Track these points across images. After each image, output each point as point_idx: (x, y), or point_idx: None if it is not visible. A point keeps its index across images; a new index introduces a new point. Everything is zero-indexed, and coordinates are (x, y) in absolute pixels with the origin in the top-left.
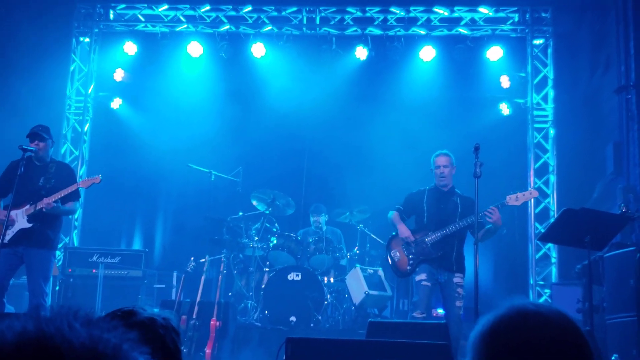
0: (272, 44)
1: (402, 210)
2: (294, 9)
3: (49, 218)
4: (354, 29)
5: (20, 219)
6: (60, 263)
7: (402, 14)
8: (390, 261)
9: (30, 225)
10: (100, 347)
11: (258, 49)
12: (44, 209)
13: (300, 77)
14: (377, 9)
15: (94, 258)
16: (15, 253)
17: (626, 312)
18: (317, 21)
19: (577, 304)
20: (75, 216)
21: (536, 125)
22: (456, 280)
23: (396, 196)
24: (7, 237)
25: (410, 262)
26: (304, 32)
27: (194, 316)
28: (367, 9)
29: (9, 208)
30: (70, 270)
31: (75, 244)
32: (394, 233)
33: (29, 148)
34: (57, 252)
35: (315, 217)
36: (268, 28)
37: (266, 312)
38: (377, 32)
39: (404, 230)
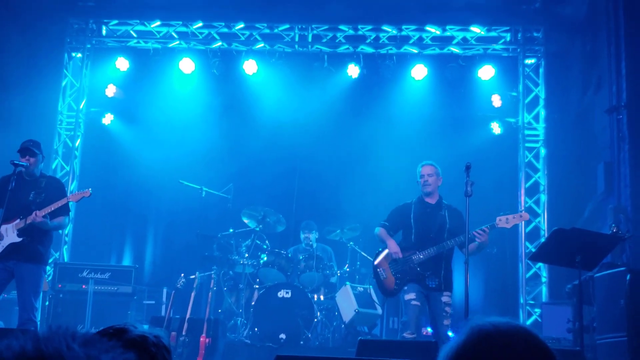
0: (264, 61)
1: (387, 226)
2: (286, 26)
3: (39, 232)
4: (346, 46)
5: (11, 234)
6: (50, 278)
7: (394, 32)
8: (376, 279)
9: (20, 239)
10: None
11: (250, 66)
12: (33, 223)
13: (292, 94)
14: (369, 27)
15: (84, 274)
16: (6, 268)
17: (616, 332)
18: (310, 39)
19: (568, 323)
20: (66, 231)
21: (527, 145)
22: (444, 299)
23: (387, 214)
24: None
25: (397, 281)
26: (296, 50)
27: (184, 332)
28: (359, 27)
29: None
30: (60, 285)
31: (66, 260)
32: (380, 249)
33: (20, 163)
34: (47, 267)
35: (305, 234)
36: (260, 45)
37: (256, 329)
38: (369, 50)
39: (392, 246)
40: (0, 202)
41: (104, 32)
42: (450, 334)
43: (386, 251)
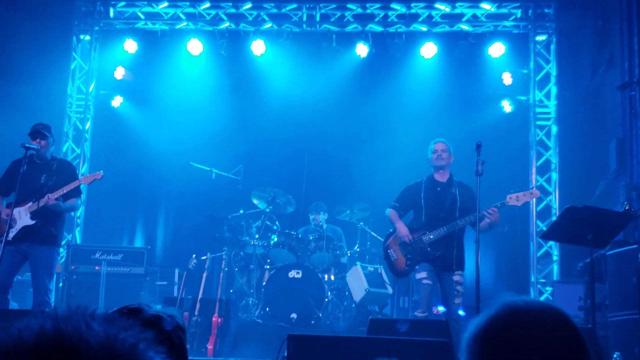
0: (272, 41)
1: (398, 207)
2: (294, 5)
3: (52, 215)
4: (355, 25)
5: (24, 217)
6: (63, 260)
7: (403, 10)
8: (387, 260)
9: (33, 222)
10: (117, 347)
11: (258, 47)
12: (46, 206)
13: (301, 74)
14: (378, 5)
15: (97, 255)
16: (19, 250)
17: (628, 310)
18: (317, 18)
19: (579, 301)
20: (78, 214)
21: (538, 123)
22: (456, 278)
23: (398, 194)
24: (11, 235)
25: (408, 262)
26: (304, 29)
27: (196, 313)
28: (368, 5)
29: (12, 206)
30: (73, 267)
31: (78, 242)
32: (391, 230)
33: (31, 146)
34: (60, 249)
35: (314, 215)
36: (268, 25)
37: (267, 309)
38: (377, 28)
39: (401, 229)
40: (12, 185)
41: (111, 14)
42: (461, 312)
43: (396, 234)
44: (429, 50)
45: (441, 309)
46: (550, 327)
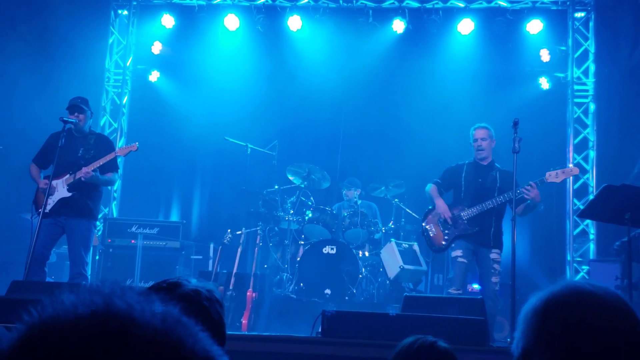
0: (308, 17)
1: (440, 183)
2: None
3: (89, 188)
4: (391, 1)
5: (61, 189)
6: (100, 233)
7: None
8: (425, 235)
9: (70, 194)
10: (164, 323)
11: (294, 22)
12: (82, 178)
13: (337, 50)
14: None
15: (133, 229)
16: (57, 223)
17: None
18: None
19: (616, 280)
20: (115, 187)
21: (576, 100)
22: (493, 256)
23: (432, 171)
24: (48, 207)
25: (446, 237)
26: (340, 5)
27: (231, 287)
28: None
29: (50, 178)
30: (109, 240)
31: (115, 215)
32: (430, 207)
33: (69, 120)
34: (97, 222)
35: (346, 191)
36: (304, 1)
37: (301, 284)
38: (414, 4)
39: (441, 205)
40: (50, 158)
41: None
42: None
43: (435, 210)
44: (466, 26)
45: (476, 286)
46: (613, 313)
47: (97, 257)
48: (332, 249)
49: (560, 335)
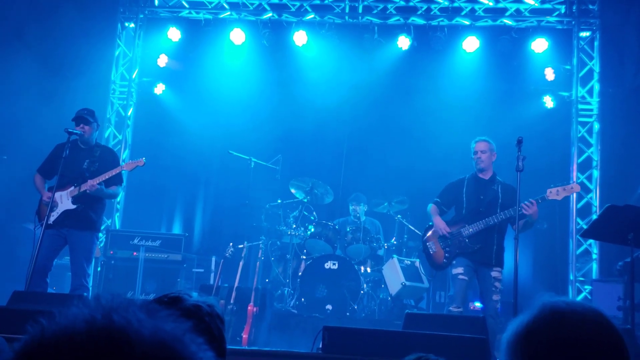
0: (314, 32)
1: (439, 202)
2: None
3: (93, 200)
4: (397, 18)
5: (65, 201)
6: (102, 245)
7: (446, 3)
8: (425, 253)
9: (74, 206)
10: (166, 338)
11: (300, 37)
12: (87, 191)
13: (342, 65)
14: None
15: (135, 241)
16: (60, 234)
17: None
18: (360, 10)
19: (618, 301)
20: (118, 199)
21: (580, 119)
22: (494, 274)
23: (436, 188)
24: (52, 218)
25: (446, 255)
26: (346, 21)
27: (232, 301)
28: None
29: (54, 190)
30: (111, 252)
31: (117, 227)
32: (430, 223)
33: (74, 131)
34: (100, 234)
35: (354, 206)
36: (310, 16)
37: (302, 299)
38: (420, 21)
39: (438, 223)
40: (55, 169)
41: (156, 2)
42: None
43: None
44: (471, 44)
45: (478, 304)
46: (591, 328)
47: (98, 269)
48: (334, 264)
49: (546, 356)
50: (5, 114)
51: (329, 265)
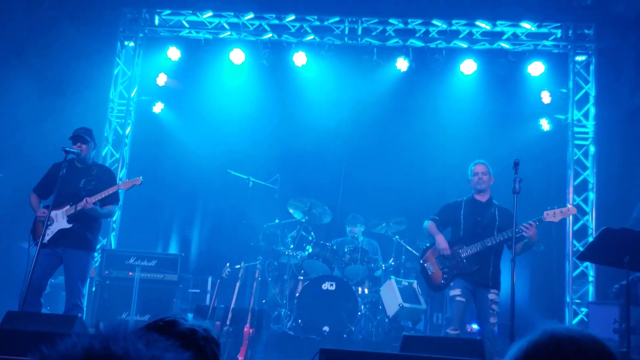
0: (313, 53)
1: (437, 220)
2: (337, 19)
3: (89, 219)
4: (396, 40)
5: (60, 219)
6: (97, 264)
7: (444, 26)
8: (423, 274)
9: (70, 225)
10: None
11: (300, 58)
12: (83, 210)
13: (341, 86)
14: (419, 21)
15: (131, 261)
16: (55, 254)
17: None
18: (359, 32)
19: (614, 324)
20: (114, 218)
21: (576, 142)
22: (491, 296)
23: (433, 209)
24: (47, 237)
25: (445, 276)
26: (345, 42)
27: (228, 322)
28: (409, 20)
29: (50, 208)
30: (107, 272)
31: (113, 246)
32: (428, 244)
33: (71, 150)
34: (95, 254)
35: (351, 227)
36: (310, 37)
37: (299, 320)
38: (418, 44)
39: (441, 242)
40: (51, 188)
41: (156, 21)
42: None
43: (434, 246)
44: (468, 66)
45: (475, 327)
46: (589, 356)
47: (93, 289)
48: (331, 285)
49: None
50: (3, 132)
51: (326, 286)
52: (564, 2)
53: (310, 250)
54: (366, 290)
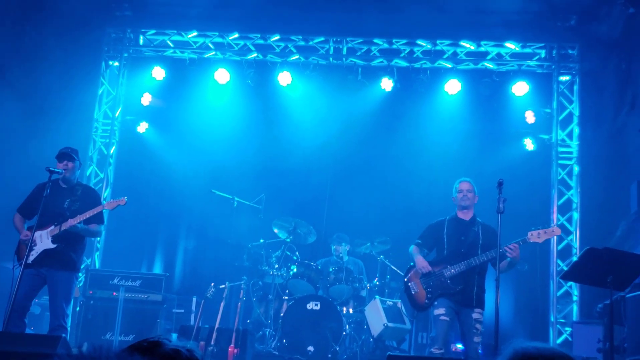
0: (298, 72)
1: (420, 243)
2: (321, 39)
3: (73, 240)
4: (380, 60)
5: (45, 240)
6: (81, 284)
7: (429, 46)
8: (407, 293)
9: (54, 246)
10: None
11: (284, 78)
12: (67, 230)
13: (326, 106)
14: (404, 41)
15: (115, 281)
16: (39, 274)
17: None
18: (344, 52)
19: (598, 343)
20: (98, 238)
21: (560, 162)
22: (475, 315)
23: (418, 229)
24: (31, 258)
25: (428, 295)
26: (330, 62)
27: (212, 342)
28: (394, 41)
29: (34, 229)
30: (91, 292)
31: (97, 266)
32: (412, 263)
33: (55, 170)
34: (79, 274)
35: (336, 246)
36: (295, 57)
37: (284, 340)
38: (403, 64)
39: (420, 262)
40: (35, 208)
41: (141, 41)
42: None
43: (416, 267)
44: (453, 86)
45: (460, 346)
46: None
47: (77, 309)
48: (316, 304)
49: None
50: None
51: (311, 306)
52: (548, 22)
53: (295, 270)
54: (351, 310)
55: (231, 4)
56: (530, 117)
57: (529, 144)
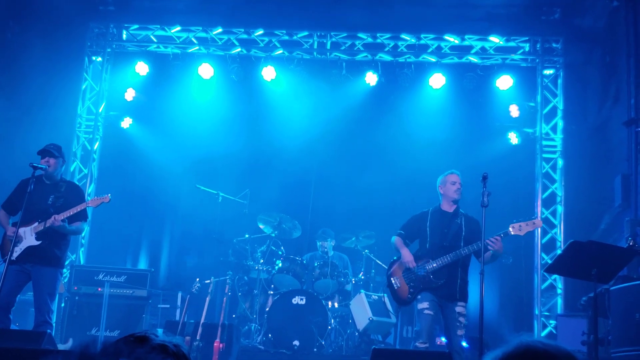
0: (282, 67)
1: (403, 235)
2: (305, 33)
3: (57, 236)
4: (365, 54)
5: (29, 236)
6: (66, 280)
7: (413, 41)
8: (390, 288)
9: (38, 242)
10: None
11: (268, 72)
12: (52, 227)
13: (310, 100)
14: (388, 35)
15: (100, 276)
16: (23, 270)
17: (631, 346)
18: (328, 46)
19: (582, 336)
20: (82, 234)
21: (545, 155)
22: (458, 309)
23: (402, 222)
24: (15, 254)
25: (411, 290)
26: (314, 57)
27: (198, 337)
28: (378, 35)
29: (18, 225)
30: (76, 288)
31: (82, 262)
32: (395, 258)
33: (39, 166)
34: (64, 270)
35: (321, 242)
36: (279, 52)
37: (269, 335)
38: (387, 58)
39: (406, 255)
40: (19, 204)
41: (124, 36)
42: (464, 344)
43: (400, 260)
44: (437, 80)
45: (444, 339)
46: None
47: (62, 305)
48: (301, 299)
49: None
50: None
51: (296, 300)
52: (532, 16)
53: (280, 264)
54: (336, 304)
55: None
56: (514, 110)
57: (513, 138)
